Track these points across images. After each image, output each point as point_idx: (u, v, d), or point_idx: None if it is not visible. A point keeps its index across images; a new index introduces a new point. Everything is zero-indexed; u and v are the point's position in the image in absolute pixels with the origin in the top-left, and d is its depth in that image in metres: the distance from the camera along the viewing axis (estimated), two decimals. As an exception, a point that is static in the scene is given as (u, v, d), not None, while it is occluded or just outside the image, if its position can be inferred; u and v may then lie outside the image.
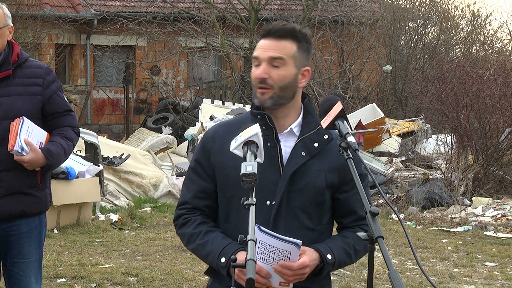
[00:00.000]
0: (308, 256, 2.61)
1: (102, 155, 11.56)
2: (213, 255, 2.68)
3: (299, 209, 2.72)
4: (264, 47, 2.71)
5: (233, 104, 16.44)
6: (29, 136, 3.77)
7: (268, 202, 2.69)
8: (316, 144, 2.74)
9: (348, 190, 2.78)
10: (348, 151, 2.62)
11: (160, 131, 17.25)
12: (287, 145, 2.73)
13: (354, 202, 2.78)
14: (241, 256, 2.56)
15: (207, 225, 2.77)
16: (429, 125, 16.68)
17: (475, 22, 22.03)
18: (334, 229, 2.90)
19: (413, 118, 17.51)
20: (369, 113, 15.43)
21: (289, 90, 2.73)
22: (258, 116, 2.73)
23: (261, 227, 2.47)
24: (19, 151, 3.72)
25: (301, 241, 2.53)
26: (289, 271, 2.56)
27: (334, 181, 2.76)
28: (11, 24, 3.90)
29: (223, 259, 2.64)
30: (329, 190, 2.76)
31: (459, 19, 22.20)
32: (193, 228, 2.76)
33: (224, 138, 2.76)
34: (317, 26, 19.24)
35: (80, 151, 11.26)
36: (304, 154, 2.73)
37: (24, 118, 3.77)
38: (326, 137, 2.77)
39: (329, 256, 2.66)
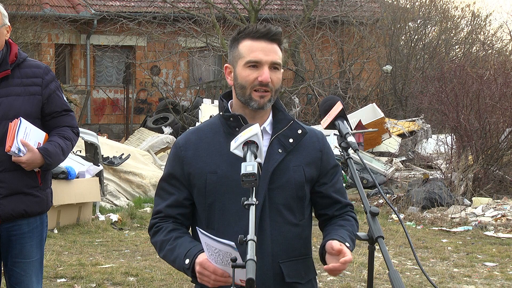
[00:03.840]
0: (348, 252, 2.59)
1: (102, 155, 11.56)
2: (179, 258, 2.67)
3: (282, 206, 2.72)
4: (264, 50, 2.69)
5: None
6: (26, 136, 3.77)
7: None
8: (291, 140, 2.76)
9: (327, 182, 2.81)
10: (348, 151, 2.63)
11: (160, 131, 17.25)
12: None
13: (335, 192, 2.83)
14: (199, 258, 2.55)
15: (177, 232, 2.76)
16: (429, 125, 16.69)
17: (475, 22, 22.04)
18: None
19: (413, 118, 17.52)
20: (369, 113, 15.45)
21: (278, 92, 2.77)
22: (231, 118, 2.73)
23: (201, 230, 2.45)
24: (16, 152, 3.73)
25: (234, 243, 2.43)
26: (348, 263, 2.56)
27: (313, 175, 2.78)
28: (8, 24, 3.89)
29: (187, 261, 2.63)
30: (308, 183, 2.78)
31: (459, 19, 22.22)
32: (164, 235, 2.76)
33: (196, 144, 2.76)
34: (317, 26, 19.25)
35: (80, 151, 11.26)
36: (280, 151, 2.73)
37: (22, 119, 3.77)
38: (299, 131, 2.78)
39: (347, 244, 2.66)
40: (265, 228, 2.68)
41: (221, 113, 2.79)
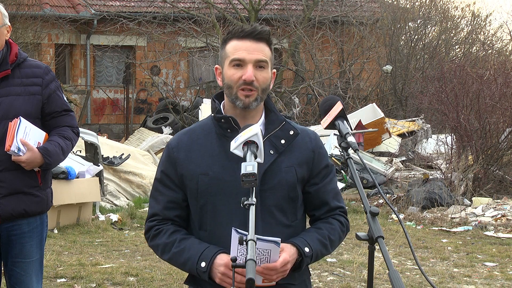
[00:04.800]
0: (287, 252, 2.62)
1: (102, 155, 11.56)
2: (192, 261, 2.65)
3: (274, 207, 2.72)
4: (248, 49, 2.69)
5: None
6: (26, 136, 3.77)
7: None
8: (283, 141, 2.75)
9: (318, 182, 2.79)
10: (348, 151, 2.62)
11: (160, 131, 17.25)
12: None
13: (325, 194, 2.81)
14: (220, 259, 2.58)
15: (180, 233, 2.75)
16: (429, 125, 16.69)
17: (475, 22, 22.04)
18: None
19: (413, 118, 17.52)
20: (369, 113, 15.45)
21: (267, 91, 2.75)
22: (222, 120, 2.72)
23: (238, 230, 2.47)
24: (16, 151, 3.74)
25: (280, 239, 2.54)
26: (273, 271, 2.57)
27: (304, 175, 2.77)
28: (9, 24, 3.90)
29: (203, 264, 2.62)
30: (300, 184, 2.77)
31: (459, 19, 22.21)
32: (166, 237, 2.74)
33: (189, 146, 2.76)
34: (317, 26, 19.25)
35: (80, 151, 11.26)
36: (272, 152, 2.72)
37: (21, 118, 3.78)
38: (291, 132, 2.77)
39: (306, 249, 2.67)
40: (257, 230, 2.63)
41: (212, 114, 2.79)
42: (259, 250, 2.50)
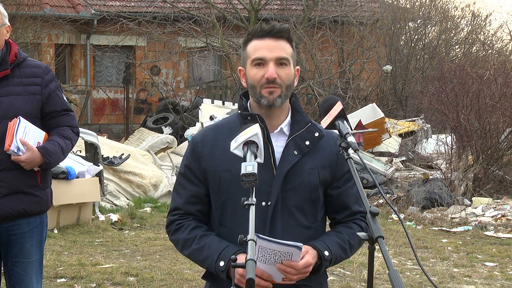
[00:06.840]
0: (310, 255, 2.63)
1: (102, 155, 11.56)
2: (211, 259, 2.67)
3: (295, 208, 2.72)
4: (269, 47, 2.70)
5: (233, 104, 16.44)
6: (25, 136, 3.77)
7: (263, 203, 2.68)
8: (307, 142, 2.75)
9: (340, 186, 2.80)
10: (348, 151, 2.62)
11: (160, 131, 17.23)
12: (278, 145, 2.73)
13: (347, 198, 2.81)
14: (240, 258, 2.57)
15: (201, 229, 2.76)
16: (429, 125, 16.68)
17: (475, 22, 22.04)
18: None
19: (413, 118, 17.52)
20: (369, 113, 15.44)
21: (291, 88, 2.75)
22: (249, 117, 2.72)
23: (260, 235, 2.46)
24: (15, 151, 3.74)
25: (302, 244, 2.54)
26: (293, 270, 2.57)
27: (327, 178, 2.77)
28: (8, 24, 3.90)
29: (221, 263, 2.64)
30: (322, 186, 2.77)
31: (459, 19, 22.21)
32: (187, 233, 2.75)
33: (213, 142, 2.77)
34: (317, 26, 19.24)
35: (80, 151, 11.26)
36: (296, 153, 2.73)
37: (21, 118, 3.78)
38: (316, 134, 2.78)
39: (326, 253, 2.68)
40: (277, 230, 2.67)
41: (239, 111, 2.79)
42: (280, 253, 2.51)
